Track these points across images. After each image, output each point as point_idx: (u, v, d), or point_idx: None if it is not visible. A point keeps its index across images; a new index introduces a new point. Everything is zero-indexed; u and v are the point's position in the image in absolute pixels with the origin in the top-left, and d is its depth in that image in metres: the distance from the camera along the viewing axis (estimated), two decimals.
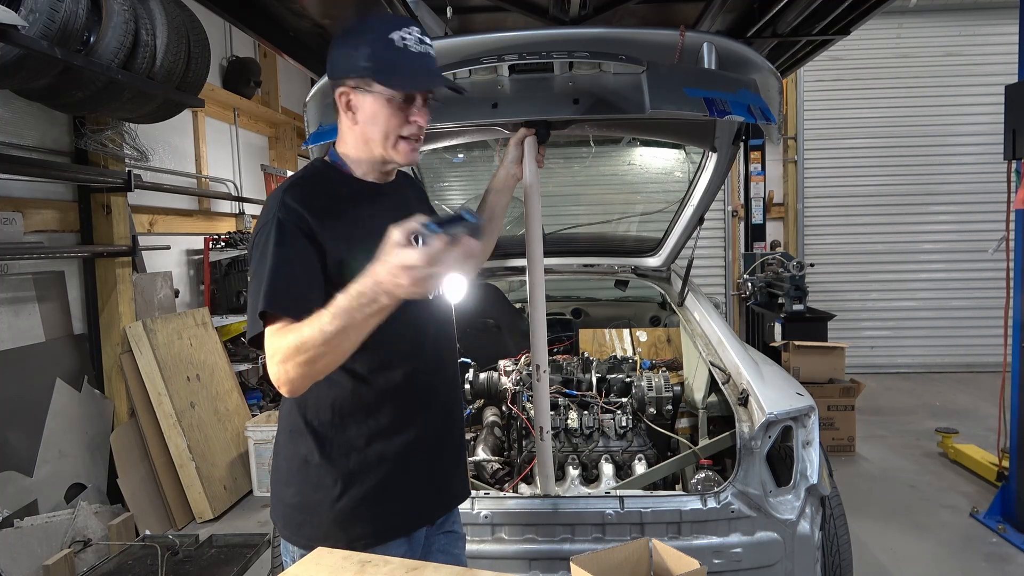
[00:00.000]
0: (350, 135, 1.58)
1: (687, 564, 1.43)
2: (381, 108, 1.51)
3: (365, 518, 1.57)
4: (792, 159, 8.49)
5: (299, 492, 1.61)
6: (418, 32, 1.51)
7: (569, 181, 4.03)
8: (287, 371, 1.34)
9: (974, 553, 3.77)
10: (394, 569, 1.30)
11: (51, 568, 3.30)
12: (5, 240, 3.65)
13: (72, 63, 3.13)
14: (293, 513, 1.63)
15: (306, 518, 1.60)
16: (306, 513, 1.59)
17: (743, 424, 2.40)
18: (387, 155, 1.56)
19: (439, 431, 1.68)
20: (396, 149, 1.54)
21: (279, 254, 1.42)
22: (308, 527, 1.59)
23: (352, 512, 1.56)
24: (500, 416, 3.18)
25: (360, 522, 1.57)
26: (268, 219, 1.47)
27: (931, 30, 8.25)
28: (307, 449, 1.58)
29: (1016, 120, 3.81)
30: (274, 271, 1.40)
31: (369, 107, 1.52)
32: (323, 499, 1.57)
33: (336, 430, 1.56)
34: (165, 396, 4.41)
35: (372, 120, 1.52)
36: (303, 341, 1.31)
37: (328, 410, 1.56)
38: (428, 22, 3.12)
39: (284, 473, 1.66)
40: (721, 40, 2.25)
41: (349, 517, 1.56)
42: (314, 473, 1.57)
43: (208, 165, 5.87)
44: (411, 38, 1.49)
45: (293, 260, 1.42)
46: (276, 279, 1.40)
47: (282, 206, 1.46)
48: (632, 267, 3.89)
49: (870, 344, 8.41)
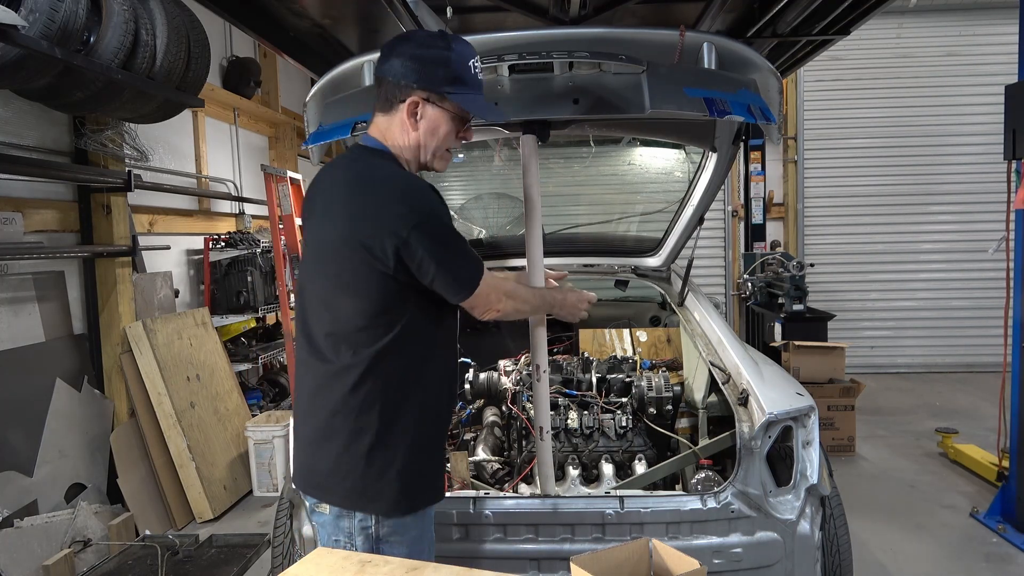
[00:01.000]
0: (403, 138, 1.72)
1: (687, 564, 1.43)
2: (444, 123, 1.71)
3: (424, 481, 1.75)
4: (792, 159, 8.49)
5: (369, 463, 1.67)
6: (480, 61, 1.73)
7: (569, 181, 4.03)
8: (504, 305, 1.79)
9: (974, 553, 3.77)
10: (394, 569, 1.30)
11: (51, 568, 3.30)
12: (5, 240, 3.65)
13: (72, 63, 3.13)
14: (358, 484, 1.68)
15: (371, 486, 1.68)
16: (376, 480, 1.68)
17: (743, 424, 2.40)
18: (430, 162, 1.76)
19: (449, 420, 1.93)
20: (439, 158, 1.76)
21: (457, 236, 1.70)
22: (374, 491, 1.68)
23: (419, 474, 1.73)
24: (500, 416, 3.18)
25: (422, 483, 1.74)
26: (433, 209, 1.64)
27: (931, 30, 8.25)
28: (377, 420, 1.67)
29: (1016, 120, 3.81)
30: (463, 249, 1.70)
31: (434, 119, 1.70)
32: (393, 465, 1.67)
33: (409, 396, 1.70)
34: (165, 396, 4.41)
35: (432, 131, 1.71)
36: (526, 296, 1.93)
37: (401, 379, 1.69)
38: (428, 22, 3.11)
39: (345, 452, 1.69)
40: (721, 40, 2.25)
41: (416, 479, 1.72)
42: (384, 440, 1.68)
43: (208, 165, 5.87)
44: (480, 68, 1.72)
45: (464, 239, 1.75)
46: (469, 254, 1.71)
47: (437, 199, 1.67)
48: (632, 267, 3.89)
49: (870, 344, 8.41)
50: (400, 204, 1.60)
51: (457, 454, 2.71)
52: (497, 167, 3.81)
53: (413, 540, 1.71)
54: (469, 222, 4.07)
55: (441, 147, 1.73)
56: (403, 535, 1.69)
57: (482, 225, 4.07)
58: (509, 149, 3.54)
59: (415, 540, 1.72)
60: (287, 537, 2.63)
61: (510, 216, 3.99)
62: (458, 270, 1.67)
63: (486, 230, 4.06)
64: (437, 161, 1.76)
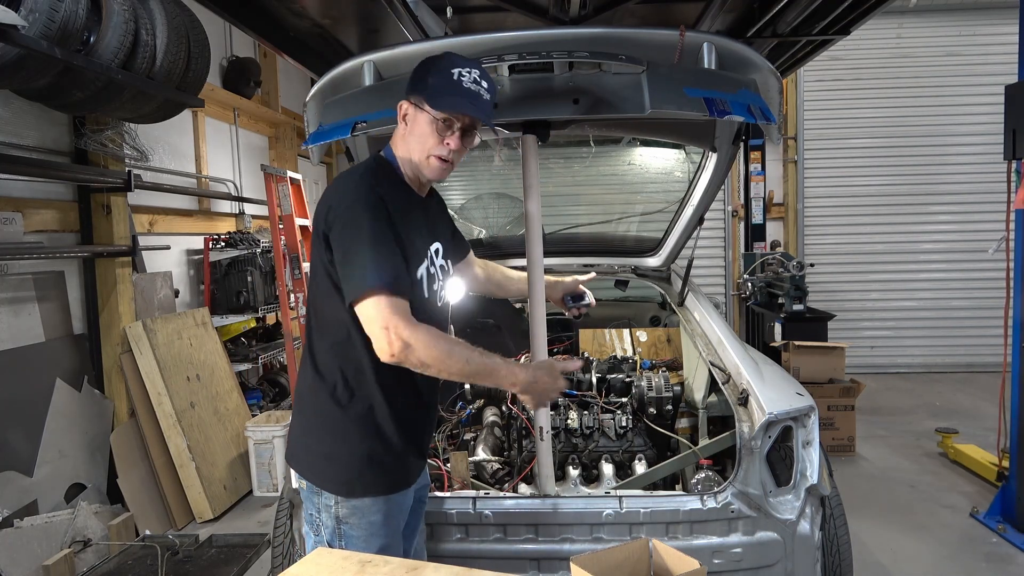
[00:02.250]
0: (401, 142, 1.84)
1: (687, 564, 1.43)
2: (426, 126, 1.76)
3: (380, 470, 1.81)
4: (792, 159, 8.49)
5: (322, 440, 1.82)
6: (478, 74, 1.77)
7: (569, 181, 4.03)
8: (412, 353, 1.62)
9: (974, 553, 3.77)
10: (394, 569, 1.30)
11: (51, 568, 3.30)
12: (5, 240, 3.65)
13: (72, 63, 3.13)
14: (318, 460, 1.83)
15: (329, 465, 1.81)
16: (331, 460, 1.81)
17: (743, 424, 2.40)
18: (421, 166, 1.80)
19: (428, 407, 1.97)
20: (428, 163, 1.79)
21: (379, 237, 1.66)
22: (332, 471, 1.81)
23: (371, 462, 1.80)
24: (500, 416, 3.18)
25: (377, 471, 1.81)
26: (357, 205, 1.68)
27: (931, 30, 8.25)
28: (332, 405, 1.79)
29: (1016, 120, 3.81)
30: (379, 252, 1.65)
31: (418, 123, 1.78)
32: (346, 448, 1.79)
33: (361, 388, 1.79)
34: (165, 396, 4.41)
35: (417, 135, 1.78)
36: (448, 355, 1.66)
37: (356, 370, 1.78)
38: (428, 22, 3.11)
39: (309, 424, 1.87)
40: (721, 40, 2.25)
41: (368, 466, 1.80)
42: (340, 424, 1.80)
43: (208, 165, 5.88)
44: (468, 77, 1.75)
45: (390, 241, 1.68)
46: (384, 259, 1.65)
47: (372, 194, 1.71)
48: (632, 267, 3.89)
49: (870, 344, 8.41)
50: (334, 197, 1.75)
51: (457, 454, 2.71)
52: (497, 167, 3.81)
53: (373, 525, 1.79)
54: (469, 222, 4.07)
55: (427, 151, 1.77)
56: (361, 518, 1.79)
57: (482, 225, 4.07)
58: (509, 149, 3.54)
59: (375, 525, 1.80)
60: (287, 537, 2.62)
61: (510, 216, 3.98)
62: (350, 274, 1.66)
63: (486, 230, 4.06)
64: (427, 168, 1.80)
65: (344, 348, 1.79)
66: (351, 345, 1.77)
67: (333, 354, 1.81)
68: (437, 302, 1.92)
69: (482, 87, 1.77)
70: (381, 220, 1.68)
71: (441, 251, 1.94)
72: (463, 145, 1.80)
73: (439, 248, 1.93)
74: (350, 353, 1.78)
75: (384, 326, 1.61)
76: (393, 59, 2.27)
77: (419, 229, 1.84)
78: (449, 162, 1.79)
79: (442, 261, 1.94)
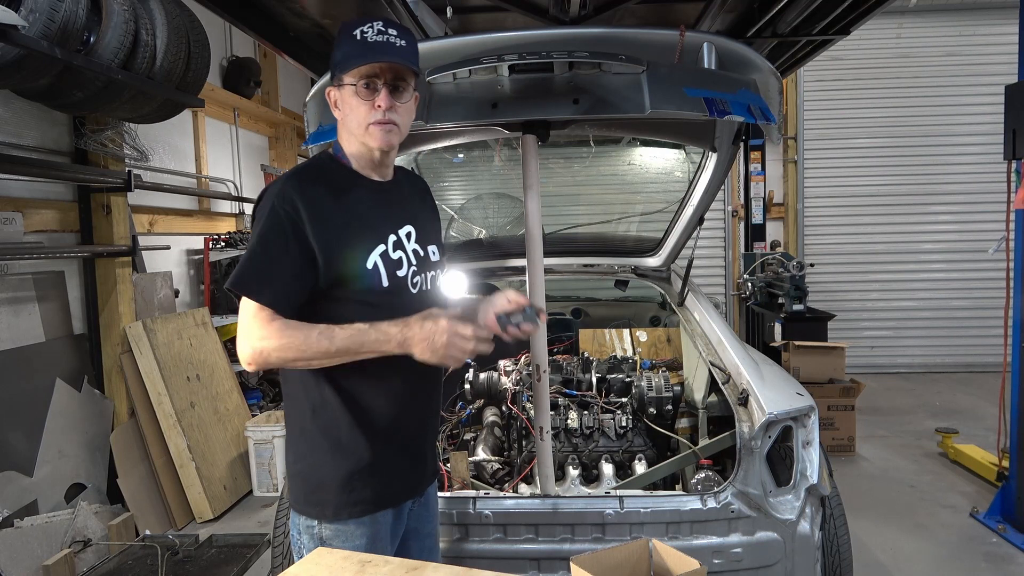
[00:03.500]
0: (342, 130, 1.72)
1: (687, 564, 1.43)
2: (351, 98, 1.63)
3: (361, 488, 1.67)
4: (792, 159, 8.49)
5: (297, 459, 1.72)
6: (381, 25, 1.61)
7: (569, 181, 4.03)
8: (260, 353, 1.52)
9: (974, 553, 3.77)
10: (394, 569, 1.30)
11: (51, 568, 3.30)
12: (5, 240, 3.65)
13: (72, 63, 3.13)
14: (296, 481, 1.73)
15: (304, 484, 1.70)
16: (306, 480, 1.70)
17: (743, 424, 2.40)
18: (365, 142, 1.66)
19: (420, 417, 1.80)
20: (369, 134, 1.64)
21: (264, 239, 1.56)
22: (308, 491, 1.69)
23: (346, 482, 1.66)
24: (500, 416, 3.18)
25: (358, 490, 1.67)
26: (266, 204, 1.59)
27: (931, 30, 8.25)
28: (304, 420, 1.69)
29: (1016, 120, 3.81)
30: (260, 257, 1.55)
31: (344, 100, 1.65)
32: (320, 466, 1.68)
33: (325, 401, 1.66)
34: (165, 396, 4.41)
35: (348, 112, 1.65)
36: (296, 342, 1.51)
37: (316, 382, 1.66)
38: (428, 22, 3.12)
39: (288, 441, 1.76)
40: (721, 40, 2.25)
41: (346, 485, 1.66)
42: (312, 441, 1.69)
43: (208, 165, 5.87)
44: (371, 31, 1.60)
45: (273, 248, 1.56)
46: (253, 261, 1.55)
47: (279, 195, 1.58)
48: (632, 267, 3.89)
49: (870, 344, 8.41)
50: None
51: (457, 454, 2.71)
52: (497, 167, 3.81)
53: (357, 549, 1.64)
54: (469, 222, 4.07)
55: (362, 122, 1.63)
56: (345, 542, 1.66)
57: (482, 225, 4.07)
58: (509, 149, 3.54)
59: (360, 549, 1.64)
60: (287, 537, 2.62)
61: (510, 216, 3.98)
62: (238, 269, 1.56)
63: (486, 230, 4.06)
64: (371, 139, 1.64)
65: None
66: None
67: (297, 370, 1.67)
68: (407, 290, 1.71)
69: (390, 34, 1.61)
70: (276, 225, 1.55)
71: (415, 235, 1.76)
72: (397, 100, 1.63)
73: (411, 232, 1.75)
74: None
75: (241, 335, 1.53)
76: None
77: (369, 215, 1.68)
78: (390, 122, 1.62)
79: (415, 246, 1.75)
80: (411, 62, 1.64)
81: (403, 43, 1.62)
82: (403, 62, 1.61)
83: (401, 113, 1.65)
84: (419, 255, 1.76)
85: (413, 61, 1.65)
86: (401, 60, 1.61)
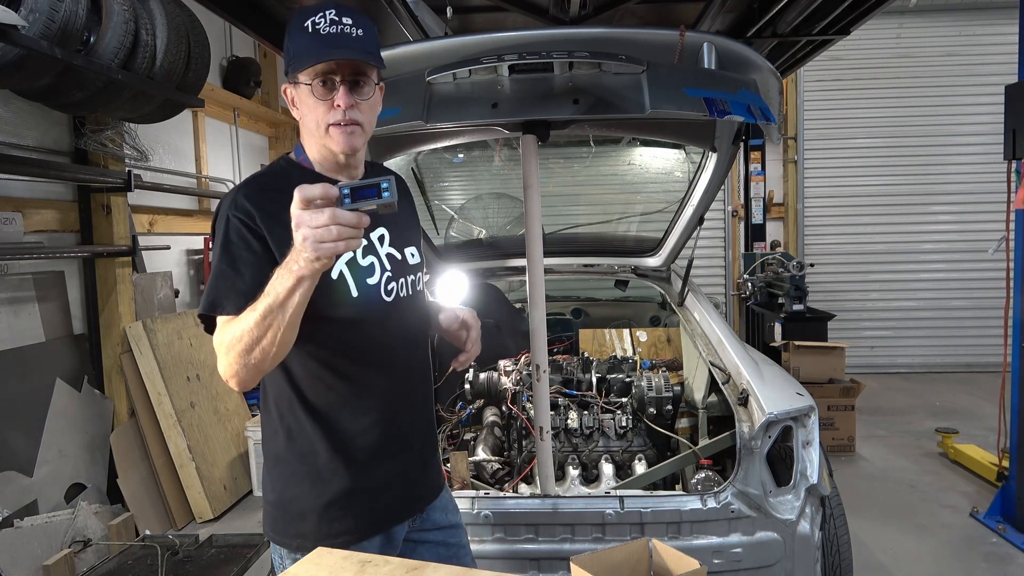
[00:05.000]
0: (303, 130, 1.58)
1: (687, 564, 1.43)
2: (307, 98, 1.49)
3: (338, 517, 1.57)
4: (792, 159, 8.49)
5: (273, 487, 1.61)
6: (334, 13, 1.45)
7: (569, 181, 4.03)
8: (230, 364, 1.36)
9: (974, 553, 3.77)
10: (394, 569, 1.30)
11: (51, 568, 3.30)
12: (5, 240, 3.65)
13: (72, 63, 3.13)
14: (273, 511, 1.62)
15: (282, 515, 1.60)
16: (283, 510, 1.60)
17: (743, 424, 2.40)
18: (327, 144, 1.52)
19: (406, 435, 1.66)
20: (330, 136, 1.50)
21: (226, 253, 1.43)
22: (283, 522, 1.59)
23: (324, 512, 1.56)
24: (500, 416, 3.18)
25: (337, 520, 1.57)
26: (221, 218, 1.47)
27: (931, 30, 8.25)
28: (279, 446, 1.59)
29: (1016, 120, 3.81)
30: (220, 271, 1.43)
31: (301, 100, 1.51)
32: (297, 495, 1.57)
33: (299, 424, 1.55)
34: (165, 396, 4.41)
35: (306, 112, 1.51)
36: (240, 330, 1.33)
37: (289, 403, 1.56)
38: (428, 22, 3.12)
39: (265, 468, 1.65)
40: (721, 40, 2.25)
41: (324, 516, 1.56)
42: (285, 469, 1.58)
43: (208, 165, 5.87)
44: (323, 21, 1.45)
45: (238, 260, 1.43)
46: (222, 279, 1.42)
47: (233, 204, 1.46)
48: (632, 267, 3.89)
49: (870, 344, 8.41)
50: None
51: (457, 454, 2.71)
52: (497, 167, 3.81)
53: None
54: (469, 222, 4.07)
55: (320, 123, 1.49)
56: None
57: (482, 225, 4.07)
58: (509, 149, 3.54)
59: None
60: None
61: (510, 216, 3.98)
62: (207, 288, 1.44)
63: (486, 230, 4.06)
64: (331, 142, 1.50)
65: (273, 377, 1.55)
66: (276, 372, 1.52)
67: (271, 383, 1.57)
68: (380, 299, 1.56)
69: (344, 24, 1.45)
70: (235, 237, 1.44)
71: (388, 238, 1.61)
72: (357, 97, 1.48)
73: (384, 235, 1.61)
74: (277, 380, 1.55)
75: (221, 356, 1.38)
76: (393, 59, 2.27)
77: None
78: (351, 122, 1.48)
79: (390, 250, 1.61)
80: (369, 56, 1.48)
81: (359, 32, 1.46)
82: (360, 57, 1.46)
83: (364, 110, 1.50)
84: (394, 259, 1.62)
85: (372, 53, 1.49)
86: (358, 55, 1.46)
